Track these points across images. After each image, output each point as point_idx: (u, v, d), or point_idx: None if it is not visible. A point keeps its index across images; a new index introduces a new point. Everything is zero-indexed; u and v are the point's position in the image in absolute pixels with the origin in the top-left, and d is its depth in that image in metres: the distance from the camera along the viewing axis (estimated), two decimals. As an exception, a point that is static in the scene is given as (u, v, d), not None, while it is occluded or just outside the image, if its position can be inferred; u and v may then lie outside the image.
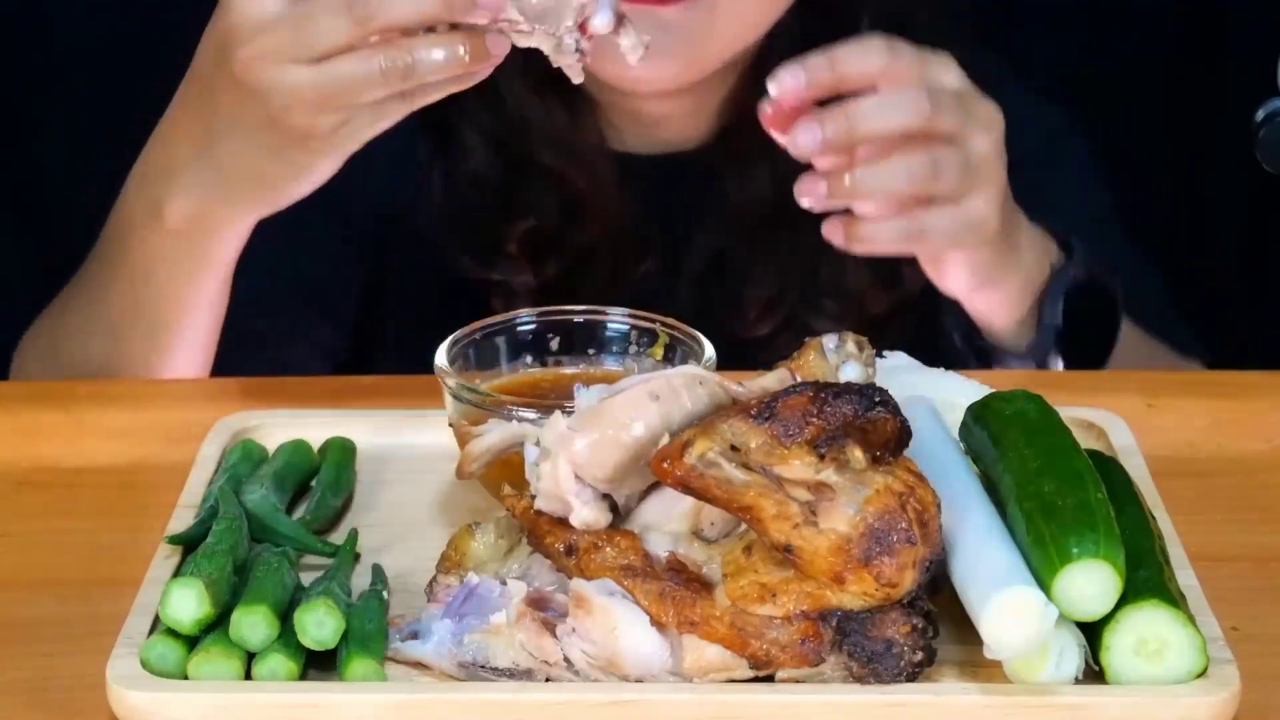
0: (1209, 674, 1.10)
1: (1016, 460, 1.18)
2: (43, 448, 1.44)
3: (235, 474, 1.30)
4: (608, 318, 1.40)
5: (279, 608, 1.14)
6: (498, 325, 1.39)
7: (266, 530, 1.25)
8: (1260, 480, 1.41)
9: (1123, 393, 1.49)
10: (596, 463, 1.14)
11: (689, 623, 1.11)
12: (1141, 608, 1.11)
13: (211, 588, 1.14)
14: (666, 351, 1.38)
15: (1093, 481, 1.15)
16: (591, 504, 1.15)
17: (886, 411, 1.12)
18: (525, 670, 1.13)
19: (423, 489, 1.35)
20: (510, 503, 1.18)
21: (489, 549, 1.20)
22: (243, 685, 1.12)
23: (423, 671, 1.15)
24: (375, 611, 1.16)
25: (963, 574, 1.13)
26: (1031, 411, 1.22)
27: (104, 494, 1.38)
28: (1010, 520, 1.16)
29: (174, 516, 1.27)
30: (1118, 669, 1.11)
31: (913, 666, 1.10)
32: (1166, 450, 1.42)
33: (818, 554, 1.10)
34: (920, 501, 1.11)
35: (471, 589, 1.16)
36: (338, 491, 1.32)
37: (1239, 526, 1.34)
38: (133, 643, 1.13)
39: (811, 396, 1.12)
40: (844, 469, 1.11)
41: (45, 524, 1.35)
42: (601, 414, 1.15)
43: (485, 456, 1.22)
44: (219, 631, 1.13)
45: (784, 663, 1.11)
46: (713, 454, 1.11)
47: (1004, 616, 1.09)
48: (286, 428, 1.38)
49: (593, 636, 1.12)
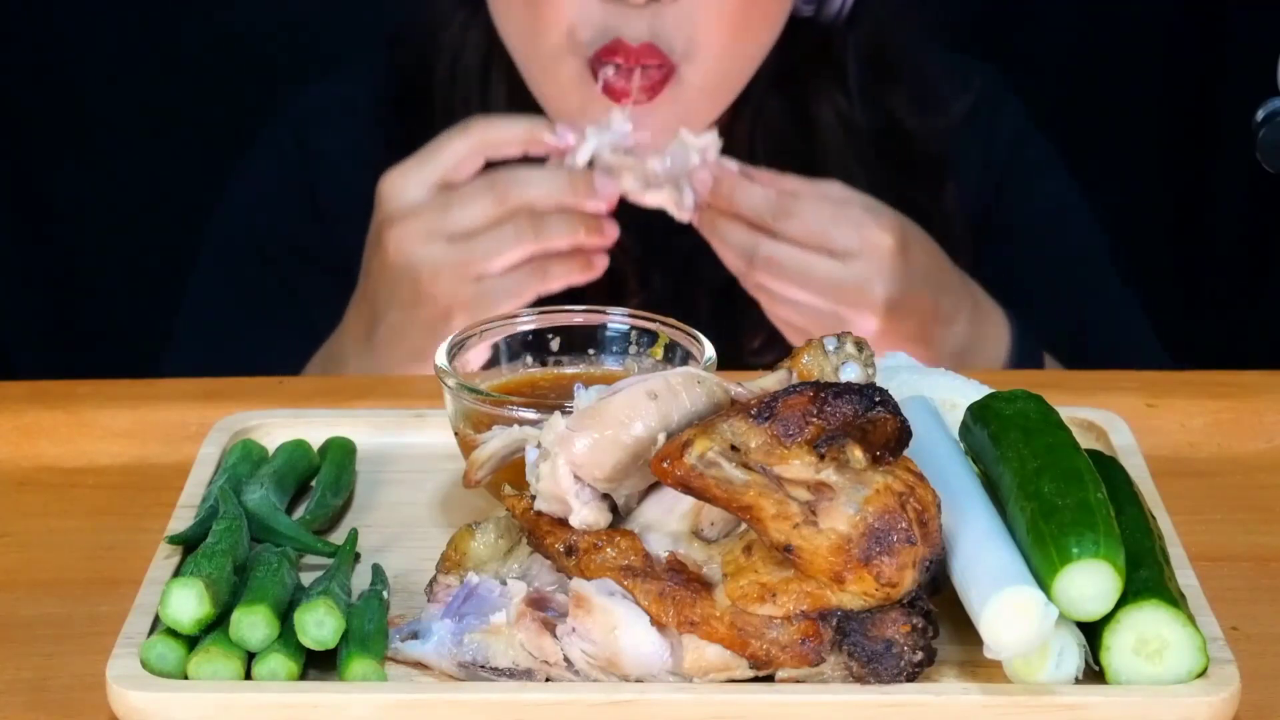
0: (1209, 674, 1.10)
1: (1016, 460, 1.18)
2: (43, 448, 1.44)
3: (235, 474, 1.30)
4: (608, 318, 1.40)
5: (279, 608, 1.14)
6: (498, 325, 1.39)
7: (266, 530, 1.25)
8: (1260, 480, 1.41)
9: (1123, 393, 1.49)
10: (596, 463, 1.14)
11: (689, 623, 1.11)
12: (1141, 608, 1.11)
13: (211, 588, 1.14)
14: (666, 351, 1.38)
15: (1093, 481, 1.15)
16: (591, 504, 1.15)
17: (886, 411, 1.12)
18: (525, 670, 1.13)
19: (423, 489, 1.35)
20: (510, 503, 1.18)
21: (489, 549, 1.20)
22: (243, 685, 1.12)
23: (423, 671, 1.15)
24: (375, 611, 1.16)
25: (963, 574, 1.13)
26: (1031, 411, 1.22)
27: (104, 494, 1.38)
28: (1010, 520, 1.16)
29: (174, 516, 1.27)
30: (1118, 669, 1.11)
31: (913, 666, 1.10)
32: (1166, 450, 1.43)
33: (818, 554, 1.10)
34: (920, 501, 1.11)
35: (471, 589, 1.16)
36: (338, 491, 1.32)
37: (1239, 526, 1.34)
38: (133, 643, 1.13)
39: (811, 396, 1.12)
40: (844, 469, 1.11)
41: (45, 524, 1.35)
42: (600, 414, 1.15)
43: (490, 463, 1.22)
44: (219, 631, 1.13)
45: (784, 663, 1.11)
46: (712, 454, 1.11)
47: (1004, 616, 1.09)
48: (286, 428, 1.38)
49: (593, 636, 1.12)
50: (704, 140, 1.67)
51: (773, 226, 1.65)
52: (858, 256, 1.65)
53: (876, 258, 1.65)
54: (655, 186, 1.67)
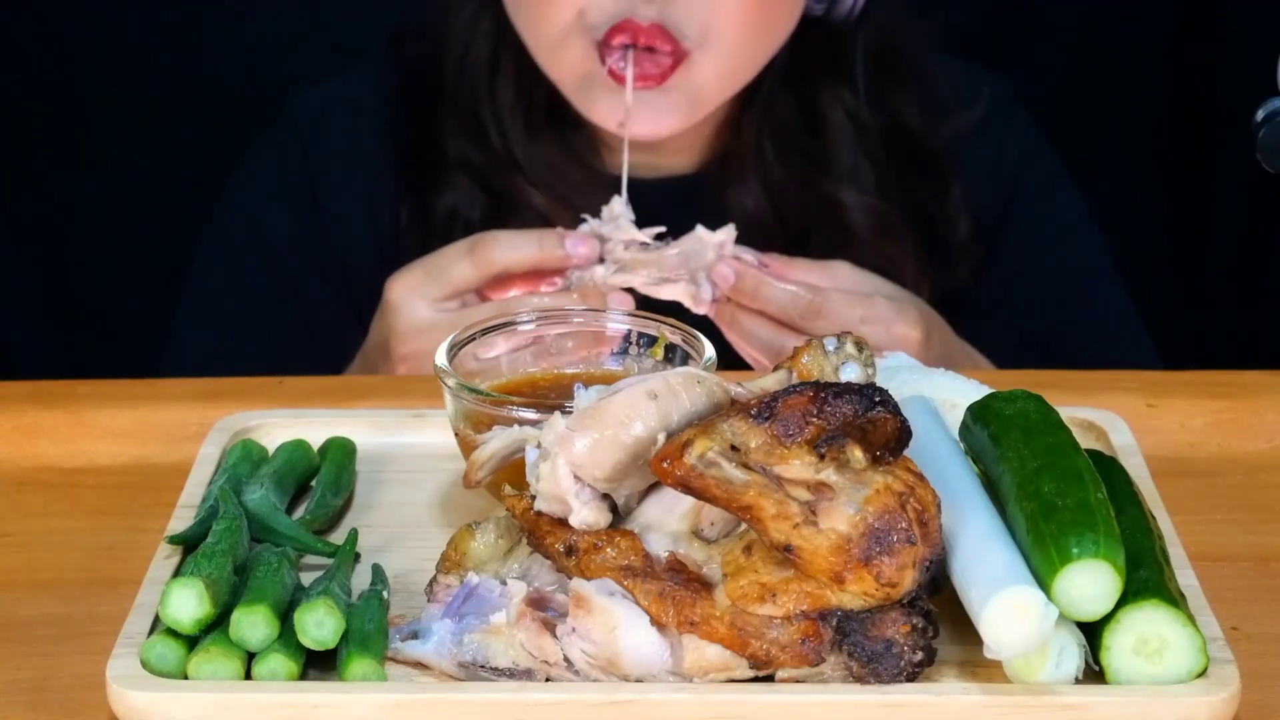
0: (1209, 674, 1.10)
1: (1016, 460, 1.18)
2: (43, 448, 1.44)
3: (235, 474, 1.30)
4: (608, 318, 1.40)
5: (279, 608, 1.14)
6: (498, 325, 1.39)
7: (266, 530, 1.25)
8: (1260, 480, 1.41)
9: (1123, 393, 1.49)
10: (595, 463, 1.14)
11: (689, 623, 1.11)
12: (1141, 608, 1.11)
13: (211, 588, 1.14)
14: (666, 351, 1.38)
15: (1093, 481, 1.15)
16: (591, 504, 1.15)
17: (886, 411, 1.12)
18: (525, 670, 1.13)
19: (423, 489, 1.35)
20: (510, 503, 1.18)
21: (489, 549, 1.20)
22: (243, 685, 1.12)
23: (423, 671, 1.15)
24: (375, 611, 1.16)
25: (963, 574, 1.13)
26: (1031, 411, 1.22)
27: (104, 494, 1.38)
28: (1010, 520, 1.16)
29: (174, 516, 1.27)
30: (1118, 669, 1.11)
31: (913, 666, 1.10)
32: (1166, 450, 1.43)
33: (818, 554, 1.10)
34: (920, 501, 1.11)
35: (471, 589, 1.16)
36: (338, 491, 1.32)
37: (1239, 526, 1.34)
38: (133, 643, 1.13)
39: (811, 396, 1.12)
40: (844, 469, 1.11)
41: (45, 524, 1.35)
42: (600, 414, 1.15)
43: (491, 463, 1.22)
44: (219, 631, 1.13)
45: (784, 663, 1.11)
46: (712, 454, 1.11)
47: (1004, 616, 1.09)
48: (286, 428, 1.38)
49: (593, 636, 1.12)
50: (720, 235, 1.64)
51: (801, 325, 1.63)
52: (886, 352, 1.64)
53: (905, 353, 1.63)
54: (670, 281, 1.65)
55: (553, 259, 1.64)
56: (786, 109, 1.84)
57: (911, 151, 1.87)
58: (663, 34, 1.69)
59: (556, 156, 1.83)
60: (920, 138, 1.88)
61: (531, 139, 1.82)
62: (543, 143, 1.83)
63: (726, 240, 1.65)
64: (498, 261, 1.63)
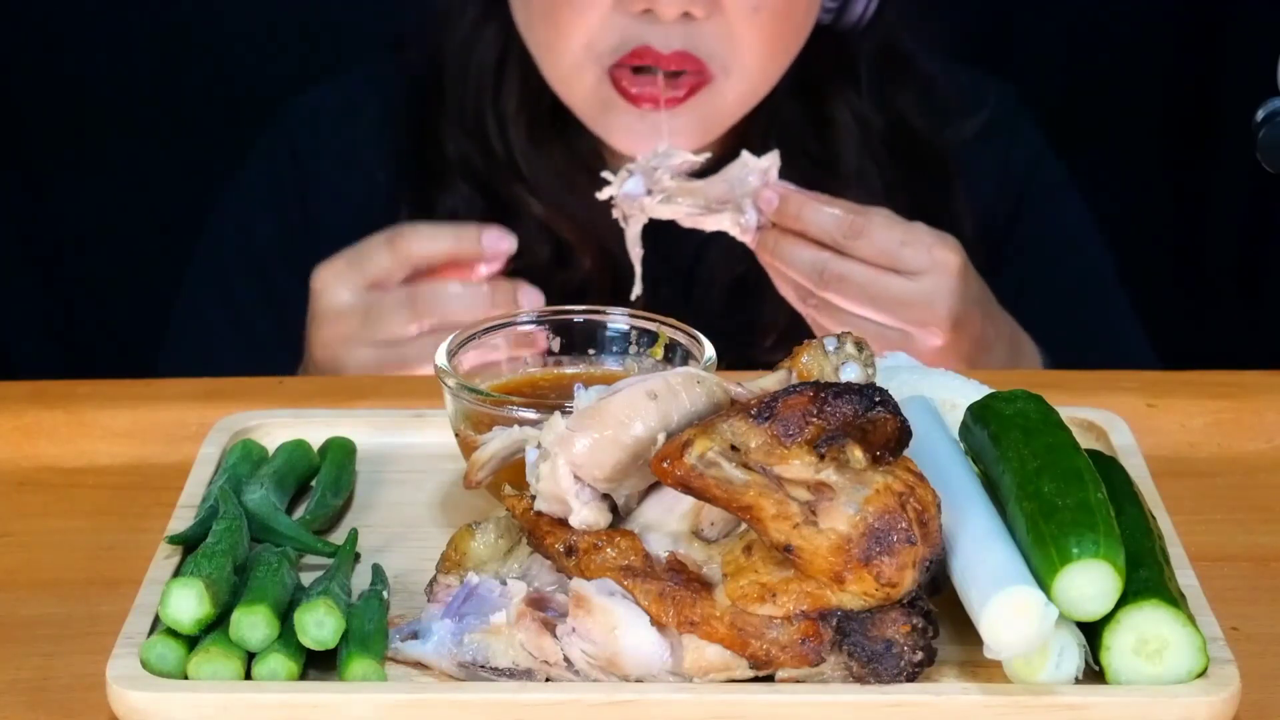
0: (1209, 674, 1.10)
1: (1016, 460, 1.18)
2: (43, 448, 1.44)
3: (235, 474, 1.30)
4: (608, 318, 1.40)
5: (279, 608, 1.14)
6: (498, 325, 1.39)
7: (266, 530, 1.25)
8: (1260, 480, 1.41)
9: (1123, 393, 1.49)
10: (595, 463, 1.14)
11: (689, 623, 1.11)
12: (1141, 608, 1.11)
13: (211, 588, 1.14)
14: (666, 351, 1.38)
15: (1093, 481, 1.15)
16: (591, 504, 1.15)
17: (886, 411, 1.12)
18: (525, 670, 1.13)
19: (423, 489, 1.35)
20: (510, 503, 1.18)
21: (489, 549, 1.20)
22: (243, 685, 1.12)
23: (423, 671, 1.15)
24: (375, 611, 1.16)
25: (963, 574, 1.13)
26: (1031, 411, 1.22)
27: (104, 494, 1.38)
28: (1010, 520, 1.16)
29: (174, 516, 1.27)
30: (1118, 669, 1.11)
31: (913, 666, 1.10)
32: (1166, 450, 1.43)
33: (818, 554, 1.10)
34: (920, 501, 1.11)
35: (471, 589, 1.16)
36: (338, 491, 1.32)
37: (1239, 526, 1.34)
38: (133, 643, 1.13)
39: (811, 396, 1.12)
40: (844, 469, 1.11)
41: (45, 524, 1.35)
42: (600, 414, 1.15)
43: (491, 464, 1.22)
44: (219, 631, 1.13)
45: (784, 663, 1.11)
46: (712, 454, 1.11)
47: (1004, 616, 1.09)
48: (286, 428, 1.38)
49: (593, 636, 1.12)
50: (765, 161, 1.66)
51: (844, 245, 1.65)
52: (928, 274, 1.65)
53: (945, 276, 1.65)
54: (715, 212, 1.66)
55: (469, 252, 1.69)
56: (793, 112, 1.86)
57: (917, 154, 1.88)
58: (688, 58, 1.72)
59: (559, 163, 1.83)
60: (925, 141, 1.89)
61: (534, 145, 1.83)
62: (546, 149, 1.83)
63: (772, 166, 1.66)
64: (415, 253, 1.69)
